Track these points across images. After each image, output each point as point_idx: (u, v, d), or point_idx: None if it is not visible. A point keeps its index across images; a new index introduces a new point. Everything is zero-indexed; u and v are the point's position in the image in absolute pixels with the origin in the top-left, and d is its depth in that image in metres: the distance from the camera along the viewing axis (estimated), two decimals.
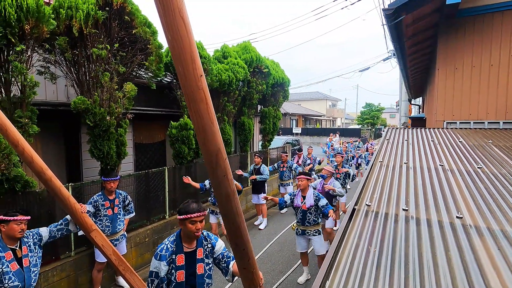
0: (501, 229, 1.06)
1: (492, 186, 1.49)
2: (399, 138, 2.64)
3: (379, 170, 1.80)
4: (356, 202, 1.38)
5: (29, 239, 2.92)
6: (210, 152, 1.43)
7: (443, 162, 1.90)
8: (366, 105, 36.39)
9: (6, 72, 3.33)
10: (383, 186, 1.54)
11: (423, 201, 1.32)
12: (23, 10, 3.18)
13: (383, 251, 0.94)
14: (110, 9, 4.08)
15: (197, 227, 2.16)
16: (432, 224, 1.10)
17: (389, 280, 0.79)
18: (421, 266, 0.86)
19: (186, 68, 1.22)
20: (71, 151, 5.10)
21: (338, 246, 1.03)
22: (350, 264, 0.90)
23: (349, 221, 1.20)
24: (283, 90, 9.71)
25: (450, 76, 3.57)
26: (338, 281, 0.82)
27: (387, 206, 1.29)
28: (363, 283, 0.81)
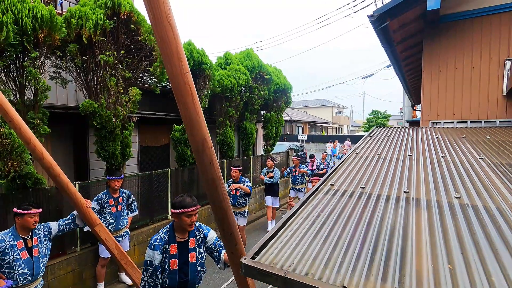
0: (438, 200, 1.21)
1: (447, 171, 1.62)
2: (382, 135, 2.78)
3: (353, 159, 1.94)
4: (321, 183, 1.53)
5: (39, 231, 3.13)
6: (197, 141, 1.61)
7: (413, 153, 2.04)
8: (372, 112, 36.31)
9: (21, 76, 3.61)
10: (350, 172, 1.68)
11: (380, 181, 1.46)
12: (38, 20, 3.47)
13: (330, 217, 1.09)
14: (117, 19, 4.37)
15: (192, 220, 2.30)
16: (381, 198, 1.25)
17: (324, 239, 0.94)
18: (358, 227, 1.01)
19: (174, 66, 1.42)
20: (79, 152, 5.36)
21: (292, 213, 1.18)
22: (296, 229, 1.05)
23: (309, 196, 1.35)
24: (286, 96, 9.90)
25: (434, 78, 3.71)
26: (282, 240, 0.97)
27: (348, 185, 1.44)
28: (303, 242, 0.96)
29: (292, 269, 0.80)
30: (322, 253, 0.88)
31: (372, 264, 0.81)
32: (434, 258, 0.84)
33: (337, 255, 0.86)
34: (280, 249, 0.91)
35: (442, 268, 0.80)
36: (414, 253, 0.86)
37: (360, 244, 0.91)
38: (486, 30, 3.38)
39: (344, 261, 0.83)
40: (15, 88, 3.63)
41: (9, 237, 2.86)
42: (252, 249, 0.90)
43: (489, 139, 2.45)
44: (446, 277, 0.76)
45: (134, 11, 4.52)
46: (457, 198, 1.23)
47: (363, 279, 0.75)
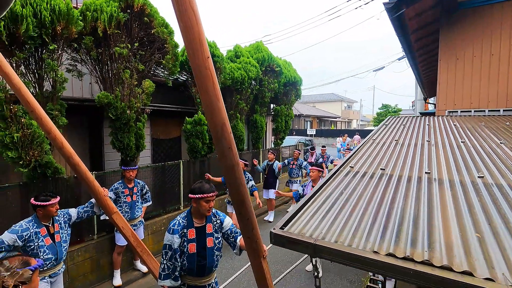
0: (460, 180, 1.21)
1: (468, 154, 1.62)
2: (398, 123, 2.76)
3: (370, 145, 1.95)
4: (341, 165, 1.55)
5: (60, 218, 3.25)
6: (216, 125, 1.64)
7: (431, 139, 2.03)
8: (383, 106, 35.79)
9: (40, 68, 3.71)
10: (369, 155, 1.69)
11: (400, 164, 1.47)
12: (56, 13, 3.55)
13: (353, 195, 1.11)
14: (131, 11, 4.42)
15: (210, 206, 2.37)
16: (402, 179, 1.26)
17: (349, 212, 0.96)
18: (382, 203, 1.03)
19: (196, 51, 1.44)
20: (95, 144, 5.49)
21: (314, 192, 1.21)
22: (321, 204, 1.07)
23: (330, 177, 1.37)
24: (295, 89, 9.86)
25: (451, 67, 3.63)
26: (308, 214, 1.00)
27: (368, 167, 1.45)
28: (329, 216, 0.99)
29: (321, 237, 0.83)
30: (349, 224, 0.90)
31: (400, 233, 0.83)
32: (462, 228, 0.85)
33: (364, 226, 0.89)
34: (307, 221, 0.94)
35: (471, 236, 0.81)
36: (441, 224, 0.87)
37: (386, 217, 0.93)
38: (507, 16, 3.27)
39: (372, 231, 0.85)
40: (34, 80, 3.73)
41: (32, 225, 2.98)
42: (279, 222, 0.93)
43: (509, 125, 2.41)
44: (475, 244, 0.77)
45: (147, 3, 4.56)
46: (481, 177, 1.24)
47: (392, 245, 0.77)
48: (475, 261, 0.70)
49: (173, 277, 2.37)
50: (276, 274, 4.68)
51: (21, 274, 1.01)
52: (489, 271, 0.66)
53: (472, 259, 0.71)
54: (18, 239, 2.79)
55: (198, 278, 2.49)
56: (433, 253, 0.73)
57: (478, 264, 0.69)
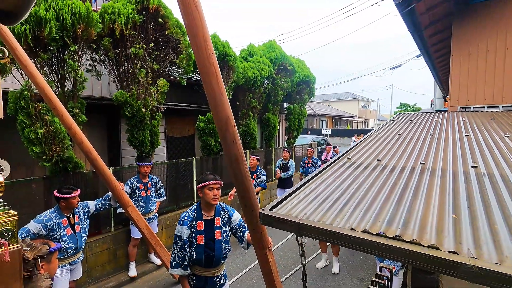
0: (453, 170, 1.22)
1: (468, 147, 1.60)
2: (405, 119, 2.73)
3: (372, 139, 1.96)
4: (338, 157, 1.58)
5: (79, 209, 3.45)
6: (221, 119, 1.72)
7: (435, 133, 2.01)
8: (401, 106, 34.84)
9: (62, 69, 3.94)
10: (369, 148, 1.71)
11: (398, 156, 1.48)
12: (76, 16, 3.76)
13: (344, 182, 1.15)
14: (146, 13, 4.60)
15: (214, 193, 2.45)
16: (396, 169, 1.28)
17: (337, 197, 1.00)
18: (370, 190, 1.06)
19: (200, 48, 1.53)
20: (112, 140, 5.73)
21: (308, 179, 1.25)
22: (312, 190, 1.12)
23: (326, 167, 1.41)
24: (309, 87, 9.83)
25: (464, 61, 3.52)
26: (297, 198, 1.05)
27: (365, 159, 1.48)
28: (317, 200, 1.04)
29: (305, 217, 0.88)
30: (334, 207, 0.95)
31: (379, 215, 0.86)
32: (441, 210, 0.88)
33: (348, 209, 0.93)
34: (295, 204, 0.99)
35: (447, 217, 0.83)
36: (422, 208, 0.90)
37: (370, 202, 0.96)
38: None
39: (354, 213, 0.90)
40: (57, 80, 3.97)
41: (55, 216, 3.19)
42: (269, 204, 1.00)
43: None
44: (449, 224, 0.80)
45: (161, 5, 4.73)
46: (474, 167, 1.24)
47: (369, 224, 0.81)
48: (444, 238, 0.72)
49: (182, 266, 2.47)
50: (286, 271, 4.72)
51: (39, 248, 1.11)
52: (455, 246, 0.69)
53: (443, 236, 0.73)
54: (42, 229, 3.00)
55: (206, 269, 2.58)
56: (405, 231, 0.76)
57: (448, 240, 0.71)
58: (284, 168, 7.20)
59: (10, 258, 0.90)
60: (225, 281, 2.72)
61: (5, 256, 0.86)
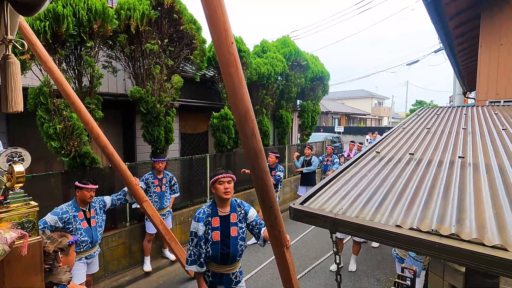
0: (499, 164, 1.12)
1: (510, 141, 1.47)
2: (431, 113, 2.59)
3: (400, 133, 1.86)
4: (366, 151, 1.49)
5: (95, 204, 3.49)
6: (240, 111, 1.66)
7: (467, 126, 1.89)
8: (417, 103, 33.96)
9: (79, 65, 3.98)
10: (397, 142, 1.61)
11: (431, 149, 1.38)
12: (92, 12, 3.78)
13: (377, 177, 1.07)
14: (161, 9, 4.59)
15: (225, 187, 2.41)
16: (432, 163, 1.18)
17: (372, 192, 0.93)
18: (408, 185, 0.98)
19: (220, 37, 1.47)
20: (127, 137, 5.79)
21: (336, 174, 1.18)
22: (343, 185, 1.05)
23: (353, 162, 1.33)
24: (323, 84, 9.66)
25: (494, 53, 3.31)
26: (328, 193, 0.98)
27: (395, 153, 1.39)
28: (351, 194, 0.96)
29: (341, 212, 0.81)
30: (371, 202, 0.87)
31: (425, 211, 0.79)
32: (497, 207, 0.79)
33: (387, 204, 0.85)
34: (328, 199, 0.93)
35: (506, 215, 0.74)
36: (473, 204, 0.81)
37: (412, 197, 0.88)
38: None
39: (395, 208, 0.82)
40: (74, 76, 4.01)
41: (71, 209, 3.23)
42: (298, 199, 0.93)
43: None
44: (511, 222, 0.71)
45: (176, 1, 4.71)
46: None
47: (417, 221, 0.73)
48: (509, 237, 0.64)
49: (198, 263, 2.44)
50: (300, 270, 4.64)
51: (60, 241, 1.09)
52: None
53: (507, 235, 0.65)
54: (58, 221, 3.05)
55: (222, 266, 2.54)
56: (461, 228, 0.68)
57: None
58: (307, 165, 7.08)
59: (31, 250, 0.86)
60: (241, 278, 2.68)
61: (23, 249, 0.82)
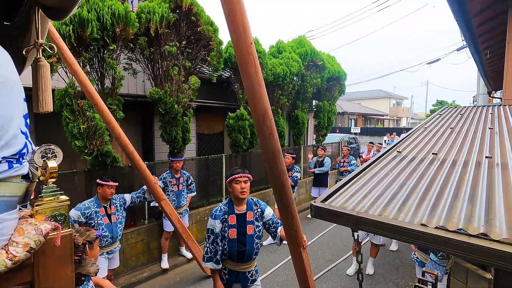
0: None
1: None
2: (455, 113, 2.50)
3: (421, 132, 1.81)
4: (386, 150, 1.47)
5: (116, 201, 3.61)
6: (258, 111, 1.68)
7: (494, 126, 1.80)
8: (437, 103, 32.86)
9: (102, 67, 4.13)
10: (419, 142, 1.57)
11: (456, 149, 1.33)
12: (115, 16, 3.92)
13: (399, 176, 1.05)
14: (179, 11, 4.69)
15: (242, 187, 2.44)
16: (457, 163, 1.15)
17: (395, 191, 0.91)
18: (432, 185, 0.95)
19: (239, 37, 1.49)
20: (146, 137, 5.95)
21: (357, 173, 1.17)
22: (364, 183, 1.04)
23: (374, 161, 1.31)
24: (339, 84, 9.53)
25: None
26: (350, 191, 0.97)
27: (418, 152, 1.36)
28: (373, 193, 0.95)
29: (364, 211, 0.81)
30: (394, 201, 0.86)
31: (452, 210, 0.77)
32: None
33: (411, 203, 0.84)
34: (349, 197, 0.92)
35: None
36: (502, 204, 0.78)
37: (436, 196, 0.86)
38: None
39: (420, 208, 0.80)
40: (97, 78, 4.16)
41: (93, 205, 3.37)
42: (320, 197, 0.93)
43: None
44: None
45: (194, 3, 4.80)
46: None
47: (443, 220, 0.72)
48: None
49: (214, 260, 2.48)
50: (315, 271, 4.59)
51: (88, 234, 1.13)
52: None
53: None
54: (81, 216, 3.18)
55: (238, 263, 2.57)
56: (491, 228, 0.66)
57: None
58: (320, 166, 7.05)
59: (62, 242, 0.91)
60: (256, 276, 2.70)
61: (57, 240, 0.87)
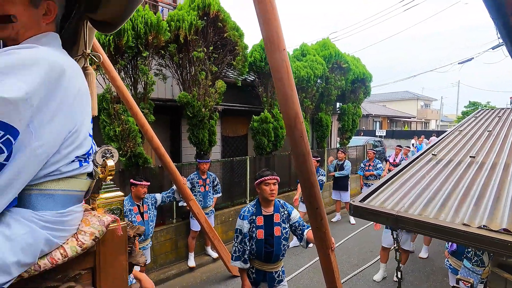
0: None
1: None
2: (492, 115, 2.39)
3: (456, 136, 1.76)
4: (420, 154, 1.45)
5: (148, 200, 3.79)
6: (290, 115, 1.73)
7: None
8: (470, 104, 31.10)
9: (135, 73, 4.38)
10: (455, 145, 1.54)
11: (495, 152, 1.29)
12: (148, 25, 4.14)
13: (437, 179, 1.05)
14: (207, 18, 4.86)
15: (271, 189, 2.49)
16: (497, 166, 1.11)
17: (433, 192, 0.92)
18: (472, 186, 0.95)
19: (272, 43, 1.56)
20: (174, 139, 6.18)
21: (392, 176, 1.18)
22: (401, 184, 1.05)
23: (408, 164, 1.31)
24: (364, 86, 9.36)
25: None
26: (387, 192, 0.99)
27: (454, 155, 1.33)
28: (411, 194, 0.97)
29: (403, 210, 0.84)
30: (434, 202, 0.88)
31: (494, 211, 0.77)
32: None
33: (451, 204, 0.85)
34: (387, 197, 0.95)
35: None
36: None
37: (477, 198, 0.86)
38: None
39: (461, 208, 0.81)
40: (130, 83, 4.41)
41: (127, 203, 3.56)
42: (357, 197, 0.97)
43: None
44: None
45: (221, 9, 4.95)
46: None
47: (485, 220, 0.73)
48: None
49: (242, 259, 2.55)
50: (341, 276, 4.52)
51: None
52: None
53: None
54: None
55: (265, 263, 2.62)
56: None
57: None
58: (340, 169, 7.00)
59: (119, 232, 1.01)
60: (283, 277, 2.73)
61: (118, 231, 0.97)
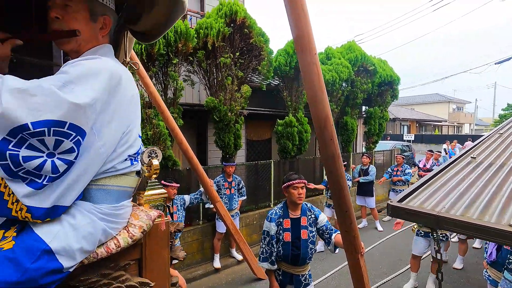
0: None
1: None
2: None
3: (497, 138, 1.68)
4: (459, 156, 1.41)
5: (177, 201, 3.93)
6: (320, 117, 1.75)
7: None
8: (508, 107, 29.06)
9: (165, 80, 4.58)
10: (496, 147, 1.47)
11: None
12: (178, 33, 4.33)
13: (477, 182, 1.02)
14: (234, 25, 4.99)
15: (299, 193, 2.50)
16: None
17: (474, 195, 0.89)
18: None
19: (304, 48, 1.60)
20: (200, 142, 6.36)
21: (429, 178, 1.16)
22: (440, 186, 1.03)
23: (446, 167, 1.27)
24: (392, 89, 9.09)
25: None
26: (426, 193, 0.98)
27: (495, 159, 1.28)
28: (451, 196, 0.95)
29: (444, 211, 0.83)
30: (476, 204, 0.86)
31: None
32: None
33: (496, 206, 0.83)
34: (426, 198, 0.94)
35: None
36: None
37: None
38: None
39: (506, 210, 0.79)
40: (161, 89, 4.62)
41: None
42: (396, 198, 0.97)
43: None
44: None
45: (247, 16, 5.07)
46: None
47: None
48: None
49: (269, 261, 2.58)
50: (369, 283, 4.41)
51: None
52: None
53: None
54: None
55: (292, 266, 2.63)
56: None
57: None
58: (364, 174, 6.85)
59: (163, 227, 1.08)
60: (310, 281, 2.72)
61: (162, 225, 1.05)
